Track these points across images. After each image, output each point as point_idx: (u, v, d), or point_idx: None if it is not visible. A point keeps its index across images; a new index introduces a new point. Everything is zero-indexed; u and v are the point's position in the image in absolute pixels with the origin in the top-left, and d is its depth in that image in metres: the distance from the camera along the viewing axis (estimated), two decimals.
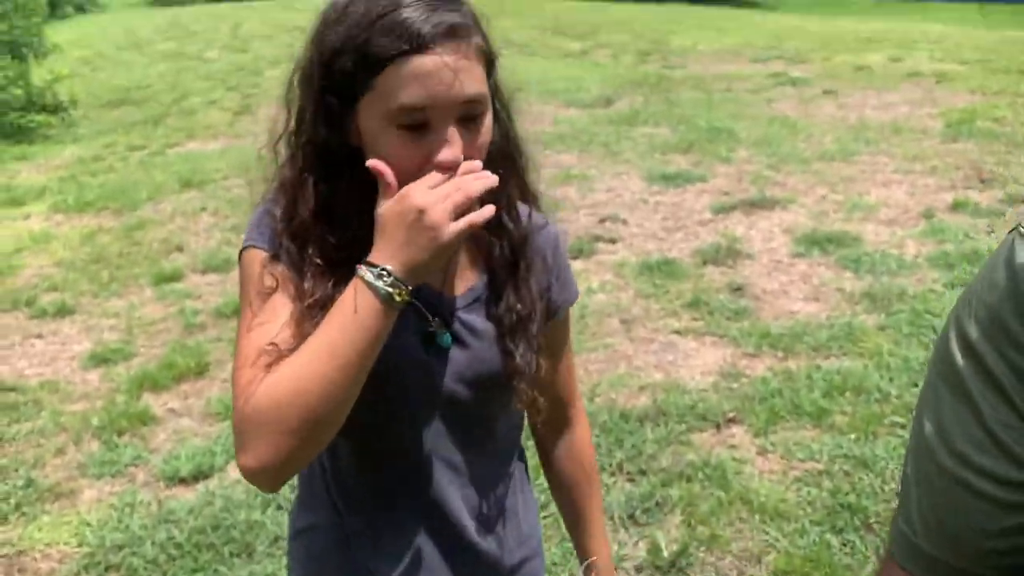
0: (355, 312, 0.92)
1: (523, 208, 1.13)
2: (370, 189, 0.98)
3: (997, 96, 7.69)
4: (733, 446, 2.90)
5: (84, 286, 4.77)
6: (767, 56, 10.65)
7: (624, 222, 5.16)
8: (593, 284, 4.26)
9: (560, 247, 1.20)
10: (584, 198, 5.60)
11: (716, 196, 5.50)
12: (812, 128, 6.99)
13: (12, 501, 2.86)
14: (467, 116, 0.96)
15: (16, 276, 4.99)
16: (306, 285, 0.99)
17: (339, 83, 0.96)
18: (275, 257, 1.02)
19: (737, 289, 4.13)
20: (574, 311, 1.25)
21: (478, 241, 1.11)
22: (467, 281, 1.11)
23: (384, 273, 0.91)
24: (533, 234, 1.13)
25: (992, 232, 4.54)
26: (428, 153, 0.95)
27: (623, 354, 3.57)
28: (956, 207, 4.98)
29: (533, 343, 1.10)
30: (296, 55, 1.03)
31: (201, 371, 3.68)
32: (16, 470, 3.05)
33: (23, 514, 2.81)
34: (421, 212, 0.90)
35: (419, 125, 0.95)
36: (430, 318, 1.08)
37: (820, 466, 2.76)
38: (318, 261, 1.01)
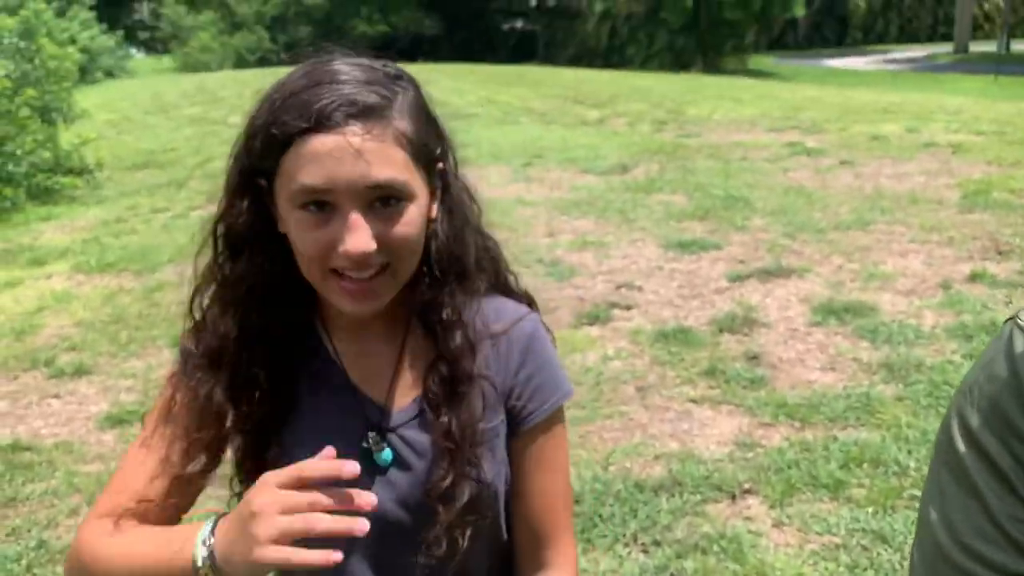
0: (176, 548, 0.88)
1: (493, 304, 1.05)
2: (286, 282, 0.97)
3: (1013, 167, 7.72)
4: (749, 518, 2.86)
5: (103, 346, 4.81)
6: (783, 126, 10.77)
7: (640, 289, 5.17)
8: (609, 351, 4.26)
9: (535, 344, 1.05)
10: (600, 264, 5.64)
11: (732, 264, 5.51)
12: (828, 198, 7.03)
13: (24, 562, 2.85)
14: (380, 202, 0.90)
15: (36, 335, 5.05)
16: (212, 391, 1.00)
17: (257, 165, 0.93)
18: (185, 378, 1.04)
19: (753, 358, 4.12)
20: (569, 406, 1.09)
21: (418, 344, 1.03)
22: (414, 391, 1.02)
23: (209, 542, 0.85)
24: (486, 340, 1.02)
25: (1010, 303, 4.52)
26: (333, 238, 0.89)
27: (638, 422, 3.55)
28: (974, 278, 4.97)
29: (468, 469, 0.98)
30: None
31: None
32: (29, 531, 3.05)
33: (34, 575, 2.80)
34: (252, 515, 0.79)
35: (322, 207, 0.89)
36: (368, 433, 1.00)
37: (837, 540, 2.71)
38: (203, 361, 1.01)
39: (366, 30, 37.28)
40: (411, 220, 0.92)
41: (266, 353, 0.99)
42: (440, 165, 0.98)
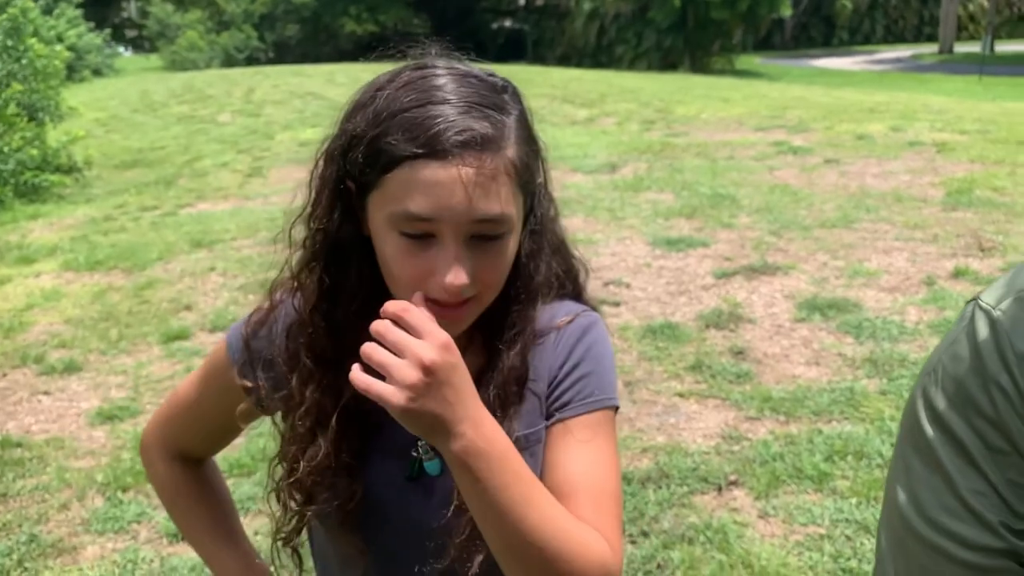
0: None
1: (554, 307, 1.03)
2: (377, 287, 0.94)
3: (997, 166, 7.80)
4: (735, 509, 2.90)
5: (93, 343, 4.82)
6: (770, 125, 10.84)
7: (628, 286, 5.22)
8: None
9: (586, 338, 1.01)
10: (589, 262, 5.66)
11: (718, 261, 5.56)
12: (813, 196, 7.09)
13: (15, 557, 2.87)
14: (482, 235, 0.87)
15: (26, 333, 5.05)
16: (296, 389, 0.98)
17: (353, 172, 0.90)
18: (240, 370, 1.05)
19: (739, 353, 4.17)
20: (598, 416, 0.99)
21: (477, 354, 0.99)
22: None
23: None
24: (541, 338, 1.00)
25: None
26: (431, 267, 0.87)
27: (626, 416, 3.59)
28: (957, 275, 5.03)
29: None
30: (329, 133, 0.97)
31: None
32: (20, 526, 3.07)
33: (25, 570, 2.82)
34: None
35: (424, 235, 0.86)
36: (418, 442, 0.98)
37: (822, 530, 2.76)
38: (308, 362, 0.97)
39: (354, 29, 37.23)
40: (508, 252, 0.90)
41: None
42: (533, 187, 0.94)
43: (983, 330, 0.73)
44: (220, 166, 10.38)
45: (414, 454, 0.99)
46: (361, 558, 1.01)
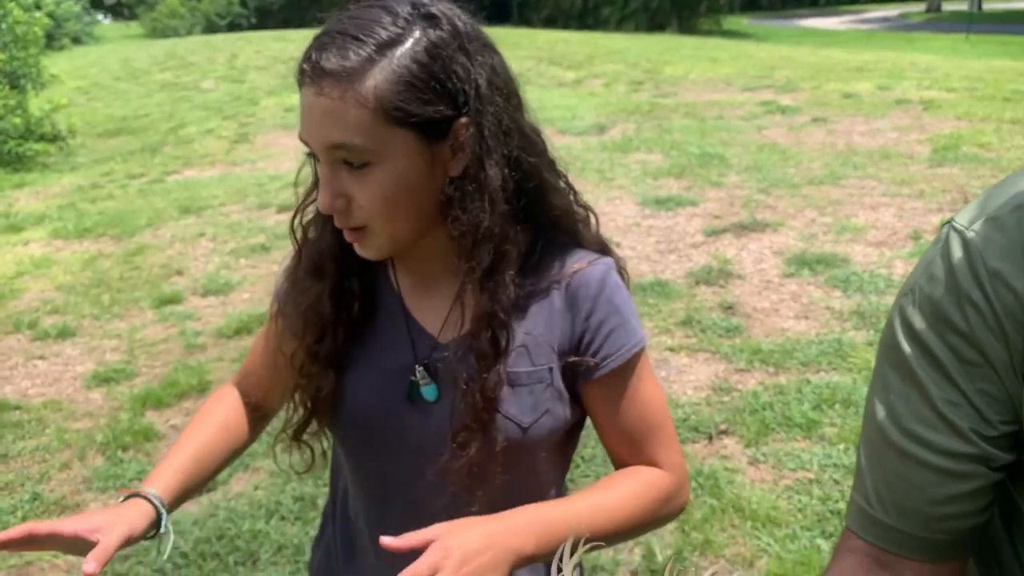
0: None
1: (560, 251, 1.02)
2: None
3: (983, 122, 7.84)
4: (725, 456, 2.97)
5: (85, 309, 4.83)
6: (758, 85, 10.82)
7: (618, 245, 5.21)
8: None
9: (606, 289, 1.01)
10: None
11: (708, 220, 5.60)
12: (801, 154, 7.12)
13: (19, 515, 2.91)
14: (348, 162, 0.90)
15: (18, 299, 5.06)
16: (299, 281, 1.06)
17: None
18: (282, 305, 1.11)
19: (729, 308, 4.22)
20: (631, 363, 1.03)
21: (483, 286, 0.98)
22: (463, 328, 1.00)
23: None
24: (549, 288, 1.00)
25: None
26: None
27: None
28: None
29: (491, 410, 0.97)
30: None
31: (203, 389, 3.73)
32: (22, 485, 3.10)
33: None
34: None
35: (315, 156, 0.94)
36: (416, 367, 1.02)
37: (810, 475, 2.82)
38: (302, 262, 1.06)
39: None
40: (379, 183, 0.90)
41: (357, 265, 1.04)
42: (463, 120, 0.92)
43: (957, 250, 0.77)
44: (205, 133, 10.31)
45: (412, 379, 1.02)
46: (364, 472, 1.07)
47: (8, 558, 2.71)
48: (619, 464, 1.08)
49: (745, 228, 5.35)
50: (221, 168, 8.43)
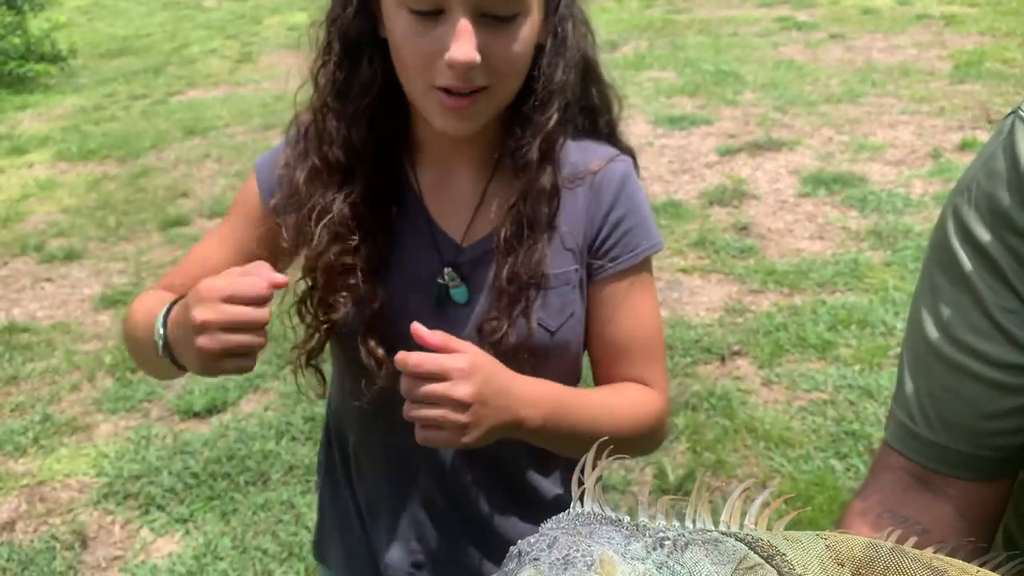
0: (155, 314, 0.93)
1: (585, 146, 1.00)
2: (393, 90, 0.93)
3: (1007, 38, 7.58)
4: (738, 377, 2.94)
5: (91, 232, 4.79)
6: (774, 1, 10.49)
7: None
8: None
9: (628, 186, 0.99)
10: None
11: (722, 139, 5.47)
12: (818, 71, 6.92)
13: (30, 435, 2.92)
14: (492, 15, 0.84)
15: (23, 222, 5.01)
16: (302, 189, 0.96)
17: None
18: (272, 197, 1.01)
19: (743, 228, 4.14)
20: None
21: (510, 183, 0.96)
22: (487, 229, 0.98)
23: (162, 329, 0.90)
24: (576, 182, 0.98)
25: None
26: (440, 47, 0.84)
27: None
28: (964, 147, 4.95)
29: (521, 311, 0.95)
30: None
31: None
32: (32, 406, 3.11)
33: (41, 447, 2.87)
34: (196, 327, 0.81)
35: (431, 12, 0.84)
36: (444, 270, 0.98)
37: (825, 396, 2.79)
38: (316, 162, 0.96)
39: None
40: (521, 38, 0.87)
41: (386, 163, 0.97)
42: None
43: (1022, 142, 0.69)
44: (209, 52, 10.10)
45: (440, 281, 0.98)
46: (383, 373, 0.97)
47: (21, 478, 2.73)
48: (601, 381, 1.03)
49: (760, 147, 5.23)
50: (225, 88, 8.28)
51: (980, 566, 0.56)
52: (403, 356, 0.82)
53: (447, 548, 1.06)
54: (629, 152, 1.04)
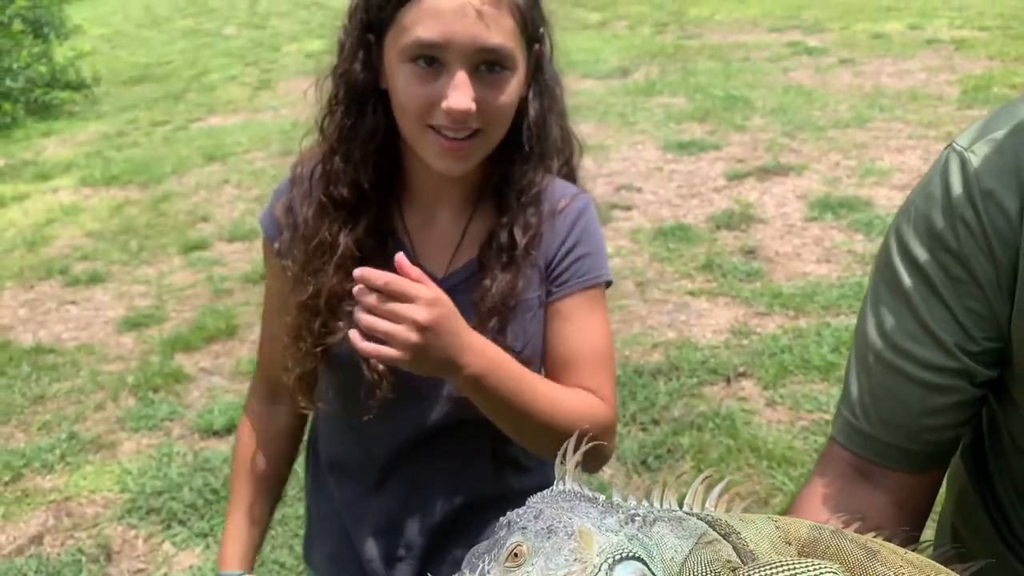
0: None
1: (554, 185, 1.10)
2: (391, 137, 1.04)
3: (1016, 62, 7.65)
4: (743, 398, 3.01)
5: (115, 255, 4.92)
6: (785, 26, 10.60)
7: (639, 190, 5.24)
8: (608, 249, 4.35)
9: (583, 219, 1.10)
10: (600, 167, 5.68)
11: (730, 163, 5.56)
12: (828, 96, 7.01)
13: (57, 452, 3.02)
14: (487, 66, 0.95)
15: (49, 246, 5.15)
16: (310, 224, 1.06)
17: (373, 18, 0.99)
18: (276, 241, 1.12)
19: (750, 252, 4.22)
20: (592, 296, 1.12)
21: (490, 219, 1.08)
22: (468, 256, 1.09)
23: None
24: (550, 215, 1.08)
25: None
26: (438, 95, 0.95)
27: (637, 315, 3.68)
28: None
29: (495, 330, 1.04)
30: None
31: (231, 332, 3.82)
32: (59, 425, 3.21)
33: (68, 464, 2.97)
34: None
35: (432, 63, 0.94)
36: None
37: (827, 416, 2.86)
38: (324, 200, 1.05)
39: None
40: (510, 90, 0.98)
41: (382, 203, 1.08)
42: (537, 47, 1.04)
43: (954, 170, 0.79)
44: (228, 79, 10.30)
45: None
46: (383, 388, 1.06)
47: (48, 493, 2.83)
48: None
49: (768, 172, 5.31)
50: (244, 115, 8.45)
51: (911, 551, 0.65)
52: (369, 272, 0.89)
53: (426, 542, 1.15)
54: (583, 191, 1.15)
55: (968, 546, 0.93)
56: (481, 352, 0.96)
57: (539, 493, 0.62)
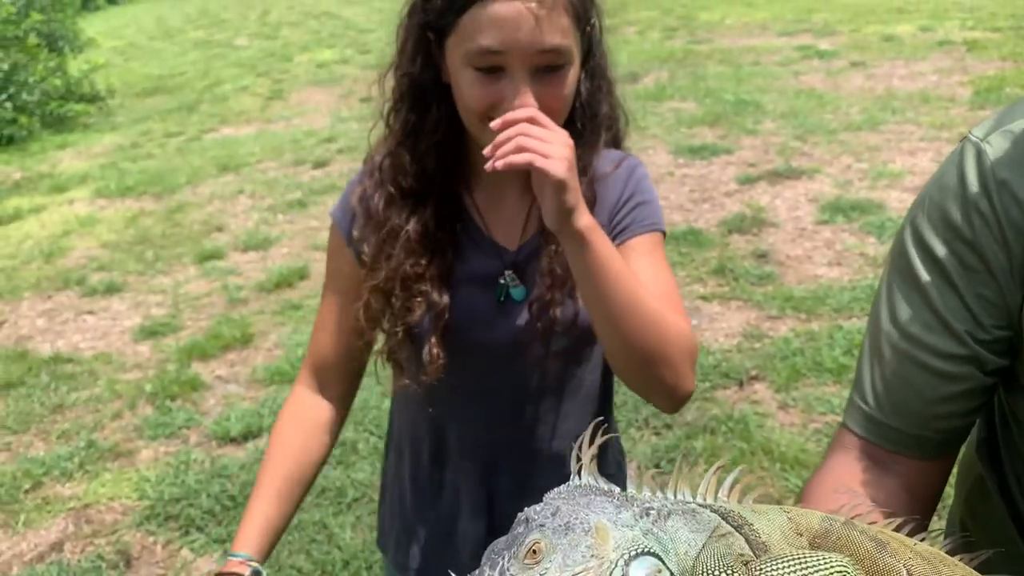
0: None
1: (601, 156, 1.16)
2: (454, 127, 1.09)
3: None
4: (755, 402, 3.01)
5: (131, 265, 4.97)
6: (795, 29, 10.60)
7: None
8: None
9: (637, 174, 1.17)
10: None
11: (742, 168, 5.56)
12: (839, 99, 7.00)
13: (76, 460, 3.06)
14: (546, 66, 1.00)
15: (65, 257, 5.21)
16: (380, 213, 1.12)
17: (433, 20, 1.03)
18: (349, 234, 1.17)
19: (762, 256, 4.22)
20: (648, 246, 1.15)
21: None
22: (535, 228, 1.15)
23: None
24: (599, 181, 1.14)
25: None
26: (500, 97, 1.00)
27: None
28: None
29: (566, 293, 1.10)
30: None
31: (246, 341, 3.85)
32: (77, 433, 3.25)
33: (87, 472, 3.01)
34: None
35: (494, 68, 0.99)
36: (505, 272, 1.14)
37: (840, 418, 2.85)
38: (393, 190, 1.12)
39: None
40: (568, 83, 1.03)
41: (451, 185, 1.14)
42: (589, 28, 1.07)
43: (969, 161, 0.80)
44: (240, 90, 10.38)
45: (501, 282, 1.14)
46: (441, 366, 1.12)
47: (68, 501, 2.86)
48: None
49: (780, 176, 5.31)
50: (257, 125, 8.51)
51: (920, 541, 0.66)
52: (510, 114, 0.95)
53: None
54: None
55: (977, 540, 0.94)
56: (587, 210, 0.99)
57: (556, 488, 0.63)
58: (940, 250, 0.80)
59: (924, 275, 0.81)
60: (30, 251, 5.34)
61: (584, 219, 0.97)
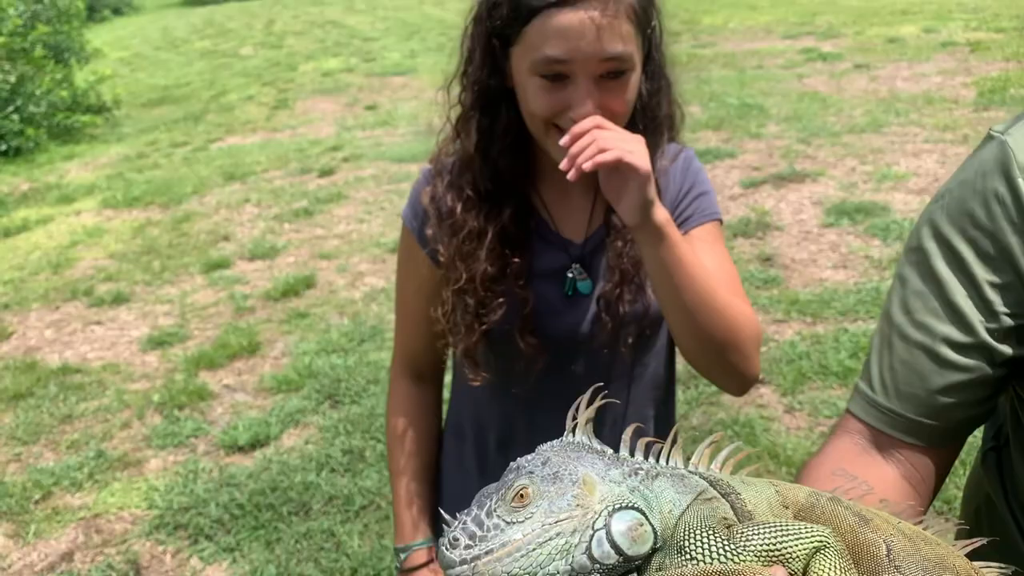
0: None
1: (665, 149, 1.20)
2: (522, 126, 1.12)
3: None
4: (761, 405, 3.01)
5: (138, 275, 4.99)
6: (799, 32, 10.61)
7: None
8: None
9: (694, 166, 1.23)
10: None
11: (746, 171, 5.57)
12: (843, 102, 7.01)
13: (85, 470, 3.07)
14: (609, 73, 1.03)
15: (73, 268, 5.24)
16: (457, 215, 1.15)
17: (498, 29, 1.06)
18: (419, 232, 1.21)
19: (767, 260, 4.23)
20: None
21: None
22: (600, 222, 1.20)
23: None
24: (664, 172, 1.18)
25: None
26: (565, 104, 1.03)
27: None
28: None
29: (633, 286, 1.15)
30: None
31: (253, 350, 3.87)
32: (87, 443, 3.27)
33: (96, 481, 3.02)
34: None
35: (559, 76, 1.02)
36: (573, 265, 1.18)
37: None
38: (470, 193, 1.15)
39: None
40: (630, 88, 1.06)
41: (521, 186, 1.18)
42: (650, 30, 1.09)
43: (989, 152, 0.82)
44: (246, 100, 10.42)
45: (569, 275, 1.18)
46: (539, 359, 1.17)
47: (77, 511, 2.88)
48: None
49: (784, 179, 5.32)
50: (262, 134, 8.55)
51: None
52: (577, 126, 0.99)
53: None
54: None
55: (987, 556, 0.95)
56: (662, 205, 1.02)
57: (549, 442, 0.65)
58: (957, 241, 0.82)
59: (940, 266, 0.83)
60: (38, 262, 5.36)
61: (662, 212, 1.01)
